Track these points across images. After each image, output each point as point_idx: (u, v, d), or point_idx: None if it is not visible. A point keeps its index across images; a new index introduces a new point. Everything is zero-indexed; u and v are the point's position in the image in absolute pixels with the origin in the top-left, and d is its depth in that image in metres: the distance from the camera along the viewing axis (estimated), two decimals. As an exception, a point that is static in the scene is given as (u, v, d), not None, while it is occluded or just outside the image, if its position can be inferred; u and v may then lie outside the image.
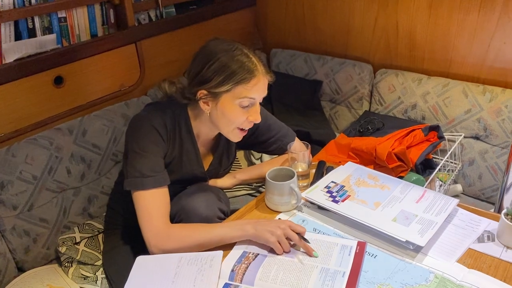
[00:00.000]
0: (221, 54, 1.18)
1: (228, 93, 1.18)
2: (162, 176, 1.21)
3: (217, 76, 1.18)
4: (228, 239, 1.13)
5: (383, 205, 1.22)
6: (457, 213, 1.24)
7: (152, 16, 1.94)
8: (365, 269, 1.05)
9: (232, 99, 1.19)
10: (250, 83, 1.18)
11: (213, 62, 1.18)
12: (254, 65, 1.19)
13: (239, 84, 1.17)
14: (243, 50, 1.21)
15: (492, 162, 1.81)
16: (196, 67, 1.22)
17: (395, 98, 2.00)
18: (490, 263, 1.07)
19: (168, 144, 1.27)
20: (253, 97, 1.20)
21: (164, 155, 1.26)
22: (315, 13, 2.26)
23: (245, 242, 1.14)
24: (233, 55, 1.18)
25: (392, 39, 2.05)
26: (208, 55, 1.20)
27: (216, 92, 1.19)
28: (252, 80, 1.18)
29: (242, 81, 1.17)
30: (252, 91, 1.19)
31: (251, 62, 1.19)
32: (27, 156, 1.45)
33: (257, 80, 1.19)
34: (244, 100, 1.20)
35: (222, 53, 1.18)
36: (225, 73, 1.17)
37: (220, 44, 1.21)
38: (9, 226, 1.42)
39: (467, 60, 1.88)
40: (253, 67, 1.19)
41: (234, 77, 1.17)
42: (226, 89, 1.18)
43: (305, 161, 1.38)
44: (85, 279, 1.44)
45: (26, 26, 1.52)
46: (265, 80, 1.23)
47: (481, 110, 1.79)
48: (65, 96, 1.66)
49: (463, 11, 1.81)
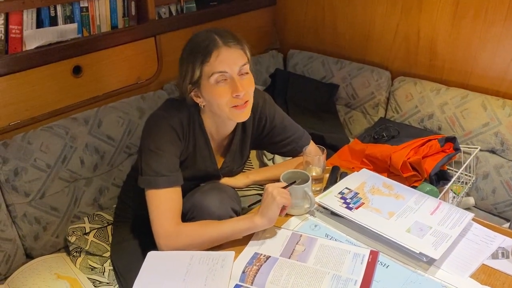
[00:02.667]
0: (186, 46, 1.23)
1: (202, 78, 1.19)
2: (176, 176, 1.21)
3: (186, 67, 1.20)
4: (238, 232, 1.14)
5: (397, 215, 1.21)
6: (472, 228, 1.22)
7: (172, 10, 1.94)
8: (376, 279, 1.03)
9: (207, 81, 1.19)
10: (211, 59, 1.16)
11: (182, 54, 1.23)
12: (210, 40, 1.18)
13: (203, 64, 1.17)
14: (203, 32, 1.22)
15: (507, 177, 1.78)
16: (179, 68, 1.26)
17: (412, 106, 1.98)
18: (504, 280, 1.05)
19: (184, 142, 1.27)
20: (222, 70, 1.17)
21: (180, 154, 1.26)
22: (335, 16, 2.24)
23: (257, 242, 1.14)
24: (193, 42, 1.21)
25: (412, 47, 2.02)
26: (182, 50, 1.24)
27: (194, 82, 1.20)
28: (212, 55, 1.16)
29: (204, 59, 1.17)
30: (215, 64, 1.16)
31: (208, 39, 1.18)
32: (42, 144, 1.45)
33: (217, 53, 1.16)
34: (214, 76, 1.17)
35: (187, 45, 1.23)
36: (191, 60, 1.19)
37: (192, 36, 1.24)
38: (20, 213, 1.43)
39: (488, 72, 1.85)
40: (209, 42, 1.17)
41: (196, 59, 1.18)
42: (198, 74, 1.19)
43: (319, 166, 1.37)
44: (92, 269, 1.45)
45: (48, 14, 1.52)
46: (229, 50, 1.18)
47: (500, 124, 1.76)
48: (82, 86, 1.66)
49: (487, 22, 1.78)
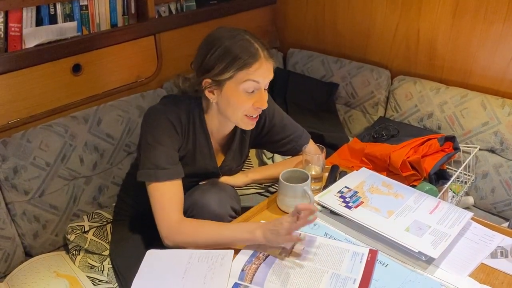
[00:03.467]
0: (222, 41, 1.17)
1: (231, 80, 1.17)
2: (176, 168, 1.21)
3: (219, 63, 1.16)
4: (237, 242, 1.13)
5: (396, 214, 1.21)
6: (471, 227, 1.22)
7: (172, 9, 1.93)
8: (375, 278, 1.04)
9: (236, 85, 1.18)
10: (252, 67, 1.16)
11: (215, 50, 1.17)
12: (255, 49, 1.17)
13: (241, 70, 1.16)
14: (245, 36, 1.19)
15: (507, 176, 1.78)
16: (200, 57, 1.21)
17: (412, 105, 1.98)
18: (502, 279, 1.06)
19: (183, 138, 1.27)
20: (257, 80, 1.18)
21: (179, 149, 1.26)
22: (335, 15, 2.24)
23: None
24: (234, 41, 1.17)
25: (412, 46, 2.02)
26: (211, 43, 1.19)
27: (220, 80, 1.18)
28: (254, 65, 1.16)
29: (244, 66, 1.15)
30: (254, 74, 1.17)
31: (253, 47, 1.17)
32: (42, 143, 1.45)
33: (259, 64, 1.17)
34: (248, 83, 1.17)
35: (224, 40, 1.17)
36: (227, 60, 1.16)
37: (223, 32, 1.20)
38: (19, 211, 1.43)
39: (488, 72, 1.85)
40: (255, 51, 1.17)
41: (236, 63, 1.15)
42: (229, 75, 1.16)
43: (319, 164, 1.37)
44: (91, 268, 1.45)
45: (48, 12, 1.52)
46: (268, 64, 1.19)
47: (499, 123, 1.76)
48: (82, 84, 1.66)
49: (487, 22, 1.78)
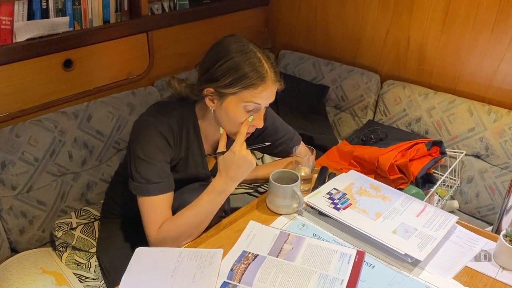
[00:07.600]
0: (233, 54, 1.15)
1: (234, 95, 1.16)
2: (167, 182, 1.20)
3: (226, 76, 1.15)
4: (216, 204, 1.18)
5: (384, 216, 1.23)
6: (456, 230, 1.24)
7: (165, 7, 1.93)
8: (362, 279, 1.05)
9: (237, 102, 1.17)
10: (257, 89, 1.15)
11: (224, 62, 1.15)
12: (265, 71, 1.15)
13: (247, 89, 1.14)
14: (256, 54, 1.17)
15: (491, 181, 1.82)
16: (207, 63, 1.19)
17: (400, 110, 2.01)
18: (485, 282, 1.08)
19: (175, 148, 1.26)
20: (259, 103, 1.18)
21: (171, 160, 1.25)
22: (327, 18, 2.26)
23: (246, 241, 1.15)
24: (245, 57, 1.15)
25: (402, 52, 2.05)
26: (221, 53, 1.17)
27: (223, 92, 1.17)
28: (260, 87, 1.15)
29: (250, 86, 1.14)
30: (258, 97, 1.16)
31: (263, 68, 1.15)
32: (31, 138, 1.44)
33: (265, 86, 1.16)
34: (249, 105, 1.17)
35: (235, 54, 1.15)
36: (234, 75, 1.14)
37: (235, 43, 1.18)
38: (6, 206, 1.41)
39: (475, 79, 1.89)
40: (264, 73, 1.15)
41: (243, 81, 1.14)
42: (233, 91, 1.15)
43: (308, 166, 1.38)
44: (78, 265, 1.44)
45: (40, 6, 1.51)
46: (273, 87, 1.19)
47: (485, 129, 1.80)
48: (73, 80, 1.65)
49: (475, 30, 1.81)
